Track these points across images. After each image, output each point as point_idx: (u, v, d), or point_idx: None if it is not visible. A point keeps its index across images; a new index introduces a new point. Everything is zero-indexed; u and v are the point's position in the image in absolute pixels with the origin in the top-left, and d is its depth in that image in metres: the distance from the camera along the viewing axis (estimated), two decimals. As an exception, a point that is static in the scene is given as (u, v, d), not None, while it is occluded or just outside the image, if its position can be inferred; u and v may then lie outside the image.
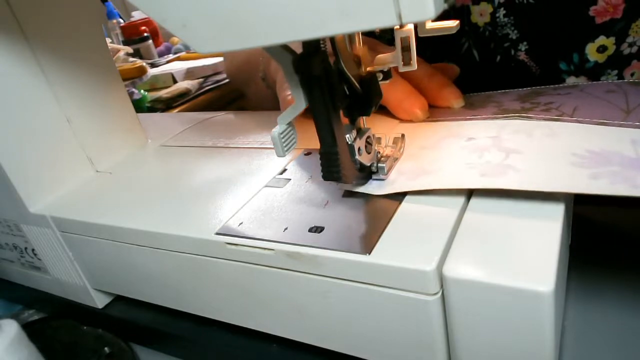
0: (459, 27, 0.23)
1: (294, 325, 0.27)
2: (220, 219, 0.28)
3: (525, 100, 0.33)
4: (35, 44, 0.35)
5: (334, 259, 0.23)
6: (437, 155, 0.28)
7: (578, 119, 0.28)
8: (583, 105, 0.30)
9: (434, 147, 0.29)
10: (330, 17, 0.16)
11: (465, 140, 0.29)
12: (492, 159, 0.26)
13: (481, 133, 0.29)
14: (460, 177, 0.25)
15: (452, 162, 0.27)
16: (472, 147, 0.28)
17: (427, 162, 0.27)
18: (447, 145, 0.29)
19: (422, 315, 0.22)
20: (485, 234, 0.22)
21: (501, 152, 0.26)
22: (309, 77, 0.22)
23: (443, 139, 0.30)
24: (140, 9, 0.20)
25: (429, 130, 0.32)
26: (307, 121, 0.25)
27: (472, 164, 0.26)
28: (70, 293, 0.39)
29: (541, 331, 0.19)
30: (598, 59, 0.38)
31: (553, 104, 0.31)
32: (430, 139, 0.30)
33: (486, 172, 0.25)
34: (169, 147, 0.43)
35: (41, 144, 0.36)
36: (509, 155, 0.26)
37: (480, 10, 0.41)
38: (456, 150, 0.28)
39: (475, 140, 0.28)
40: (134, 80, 0.83)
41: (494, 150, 0.27)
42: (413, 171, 0.27)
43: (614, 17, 0.36)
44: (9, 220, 0.38)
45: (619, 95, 0.30)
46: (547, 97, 0.33)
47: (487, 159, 0.26)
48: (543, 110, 0.30)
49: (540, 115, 0.30)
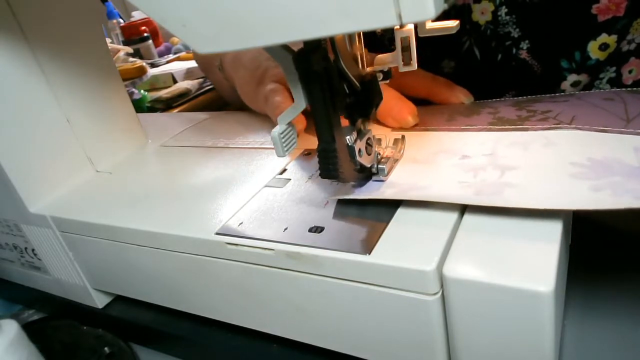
0: (459, 27, 0.23)
1: (294, 325, 0.27)
2: (220, 219, 0.28)
3: (522, 108, 0.32)
4: (35, 44, 0.35)
5: (334, 259, 0.23)
6: (430, 171, 0.27)
7: (577, 126, 0.27)
8: (581, 113, 0.29)
9: (426, 162, 0.28)
10: (330, 17, 0.16)
11: (459, 157, 0.27)
12: (488, 177, 0.24)
13: (476, 149, 0.28)
14: (455, 194, 0.24)
15: (445, 180, 0.25)
16: (466, 166, 0.26)
17: (419, 177, 0.26)
18: (440, 161, 0.28)
19: (422, 315, 0.22)
20: (485, 234, 0.22)
21: (497, 170, 0.25)
22: (309, 72, 0.22)
23: (436, 154, 0.28)
24: (140, 9, 0.20)
25: (422, 140, 0.31)
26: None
27: (466, 182, 0.24)
28: (70, 293, 0.39)
29: (541, 331, 0.19)
30: (599, 56, 0.38)
31: (550, 113, 0.30)
32: (422, 151, 0.29)
33: (481, 191, 0.23)
34: (169, 147, 0.43)
35: (41, 144, 0.36)
36: (504, 172, 0.24)
37: (481, 9, 0.41)
38: (449, 168, 0.27)
39: (470, 159, 0.27)
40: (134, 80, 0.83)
41: (489, 169, 0.25)
42: (404, 186, 0.26)
43: (616, 15, 0.36)
44: (9, 220, 0.38)
45: (617, 104, 0.30)
46: (545, 104, 0.32)
47: (482, 178, 0.25)
48: (540, 120, 0.29)
49: (537, 125, 0.29)
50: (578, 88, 0.40)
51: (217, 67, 0.50)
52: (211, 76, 0.59)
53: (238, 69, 0.45)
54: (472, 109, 0.34)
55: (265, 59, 0.42)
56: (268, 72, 0.40)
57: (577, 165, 0.23)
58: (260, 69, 0.41)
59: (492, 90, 0.38)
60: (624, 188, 0.21)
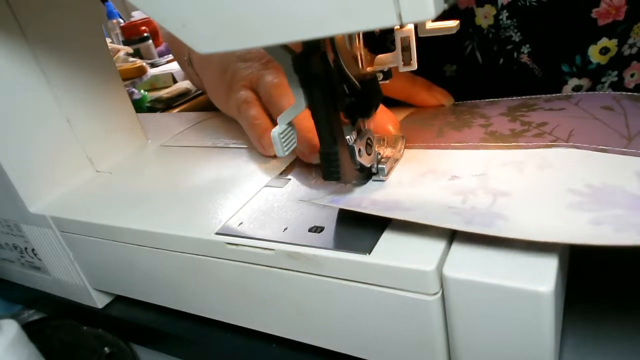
0: (459, 27, 0.23)
1: (294, 325, 0.27)
2: (220, 218, 0.28)
3: (515, 118, 0.30)
4: (35, 44, 0.35)
5: (334, 259, 0.23)
6: (416, 195, 0.25)
7: (575, 144, 0.25)
8: (579, 128, 0.27)
9: (412, 184, 0.26)
10: (330, 17, 0.16)
11: (448, 178, 0.25)
12: (478, 205, 0.22)
13: (466, 169, 0.26)
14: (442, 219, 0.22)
15: (433, 205, 0.23)
16: (455, 189, 0.24)
17: (403, 200, 0.24)
18: (428, 183, 0.25)
19: (422, 315, 0.22)
20: (485, 234, 0.22)
21: (488, 195, 0.23)
22: (309, 76, 0.22)
23: (423, 176, 0.26)
24: (140, 9, 0.20)
25: (408, 159, 0.29)
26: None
27: (455, 209, 0.22)
28: (70, 293, 0.39)
29: (541, 331, 0.19)
30: (600, 60, 0.38)
31: (546, 127, 0.28)
32: (409, 172, 0.27)
33: (471, 220, 0.21)
34: (169, 147, 0.43)
35: (41, 144, 0.36)
36: (496, 199, 0.22)
37: (484, 13, 0.40)
38: (437, 191, 0.24)
39: (459, 180, 0.25)
40: (134, 80, 0.83)
41: (480, 193, 0.23)
42: (389, 204, 0.24)
43: (616, 19, 0.36)
44: (9, 220, 0.38)
45: (617, 116, 0.28)
46: (539, 114, 0.30)
47: (472, 204, 0.22)
48: (535, 136, 0.27)
49: (533, 142, 0.27)
50: (580, 92, 0.40)
51: (186, 61, 0.48)
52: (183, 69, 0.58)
53: (206, 69, 0.44)
54: (462, 119, 0.32)
55: (235, 60, 0.39)
56: (237, 75, 0.38)
57: (575, 193, 0.21)
58: (228, 72, 0.39)
59: (494, 95, 0.38)
60: (627, 222, 0.19)
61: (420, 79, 0.38)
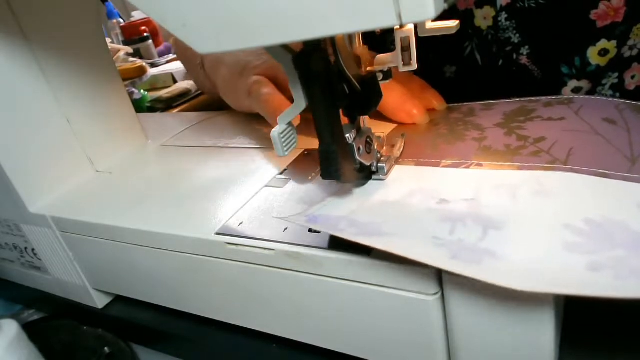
0: (459, 27, 0.23)
1: (294, 325, 0.27)
2: (220, 219, 0.28)
3: (511, 131, 0.29)
4: (35, 44, 0.35)
5: (334, 259, 0.23)
6: (402, 216, 0.23)
7: (573, 167, 0.24)
8: (579, 145, 0.26)
9: (397, 205, 0.24)
10: (330, 17, 0.16)
11: (436, 201, 0.24)
12: (466, 237, 0.20)
13: (456, 192, 0.24)
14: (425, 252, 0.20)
15: (417, 233, 0.22)
16: (443, 214, 0.22)
17: (385, 223, 0.23)
18: (415, 204, 0.24)
19: (422, 315, 0.22)
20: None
21: (478, 225, 0.21)
22: (309, 73, 0.22)
23: (410, 196, 0.25)
24: (140, 9, 0.20)
25: (399, 176, 0.27)
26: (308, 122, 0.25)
27: (441, 240, 0.21)
28: (70, 293, 0.39)
29: (541, 331, 0.19)
30: (600, 62, 0.38)
31: (543, 143, 0.27)
32: (395, 191, 0.26)
33: (457, 255, 0.20)
34: (169, 147, 0.43)
35: (41, 144, 0.36)
36: (487, 232, 0.21)
37: (483, 14, 0.41)
38: (424, 215, 0.23)
39: (448, 204, 0.23)
40: (134, 80, 0.83)
41: (469, 222, 0.21)
42: (367, 228, 0.23)
43: (615, 20, 0.36)
44: (9, 220, 0.38)
45: (620, 132, 0.26)
46: (537, 125, 0.29)
47: (460, 236, 0.21)
48: (532, 154, 0.26)
49: (529, 162, 0.25)
50: (580, 94, 0.40)
51: (199, 65, 0.49)
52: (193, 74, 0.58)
53: (219, 67, 0.44)
54: (456, 132, 0.31)
55: (246, 56, 0.40)
56: (249, 65, 0.39)
57: (572, 230, 0.20)
58: (240, 65, 0.40)
59: (493, 96, 0.37)
60: (628, 267, 0.17)
61: (417, 79, 0.37)
